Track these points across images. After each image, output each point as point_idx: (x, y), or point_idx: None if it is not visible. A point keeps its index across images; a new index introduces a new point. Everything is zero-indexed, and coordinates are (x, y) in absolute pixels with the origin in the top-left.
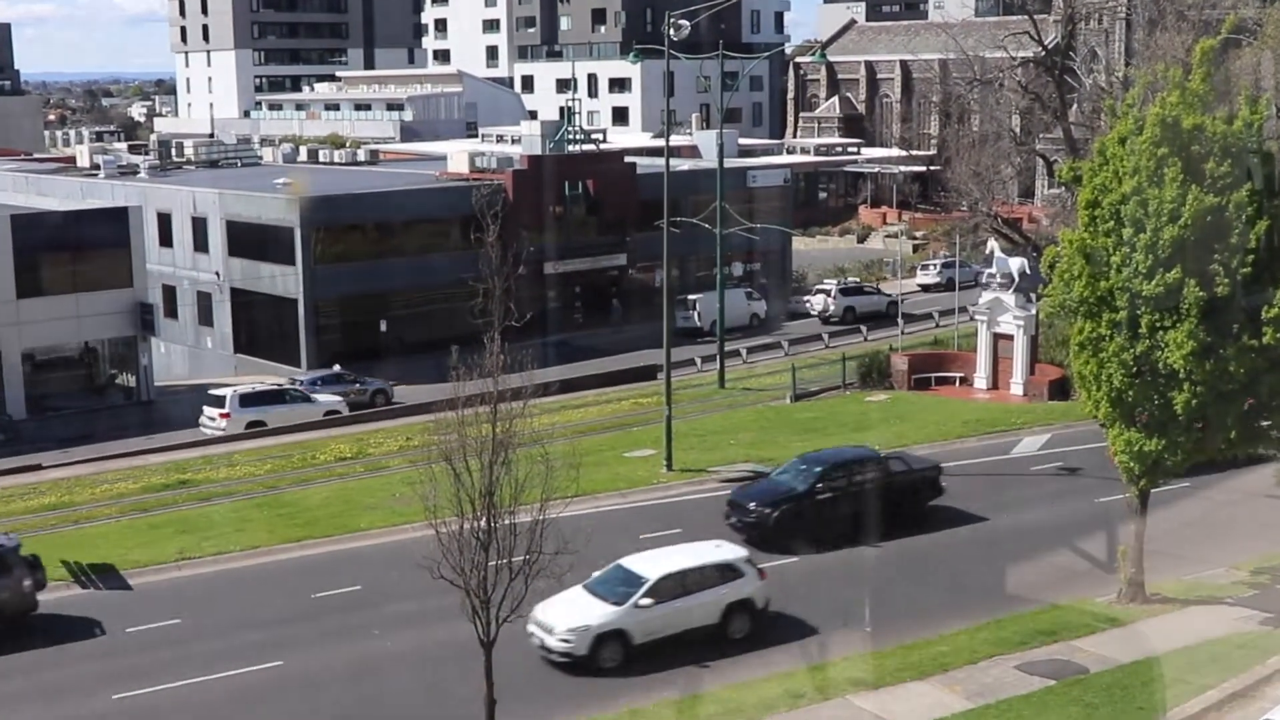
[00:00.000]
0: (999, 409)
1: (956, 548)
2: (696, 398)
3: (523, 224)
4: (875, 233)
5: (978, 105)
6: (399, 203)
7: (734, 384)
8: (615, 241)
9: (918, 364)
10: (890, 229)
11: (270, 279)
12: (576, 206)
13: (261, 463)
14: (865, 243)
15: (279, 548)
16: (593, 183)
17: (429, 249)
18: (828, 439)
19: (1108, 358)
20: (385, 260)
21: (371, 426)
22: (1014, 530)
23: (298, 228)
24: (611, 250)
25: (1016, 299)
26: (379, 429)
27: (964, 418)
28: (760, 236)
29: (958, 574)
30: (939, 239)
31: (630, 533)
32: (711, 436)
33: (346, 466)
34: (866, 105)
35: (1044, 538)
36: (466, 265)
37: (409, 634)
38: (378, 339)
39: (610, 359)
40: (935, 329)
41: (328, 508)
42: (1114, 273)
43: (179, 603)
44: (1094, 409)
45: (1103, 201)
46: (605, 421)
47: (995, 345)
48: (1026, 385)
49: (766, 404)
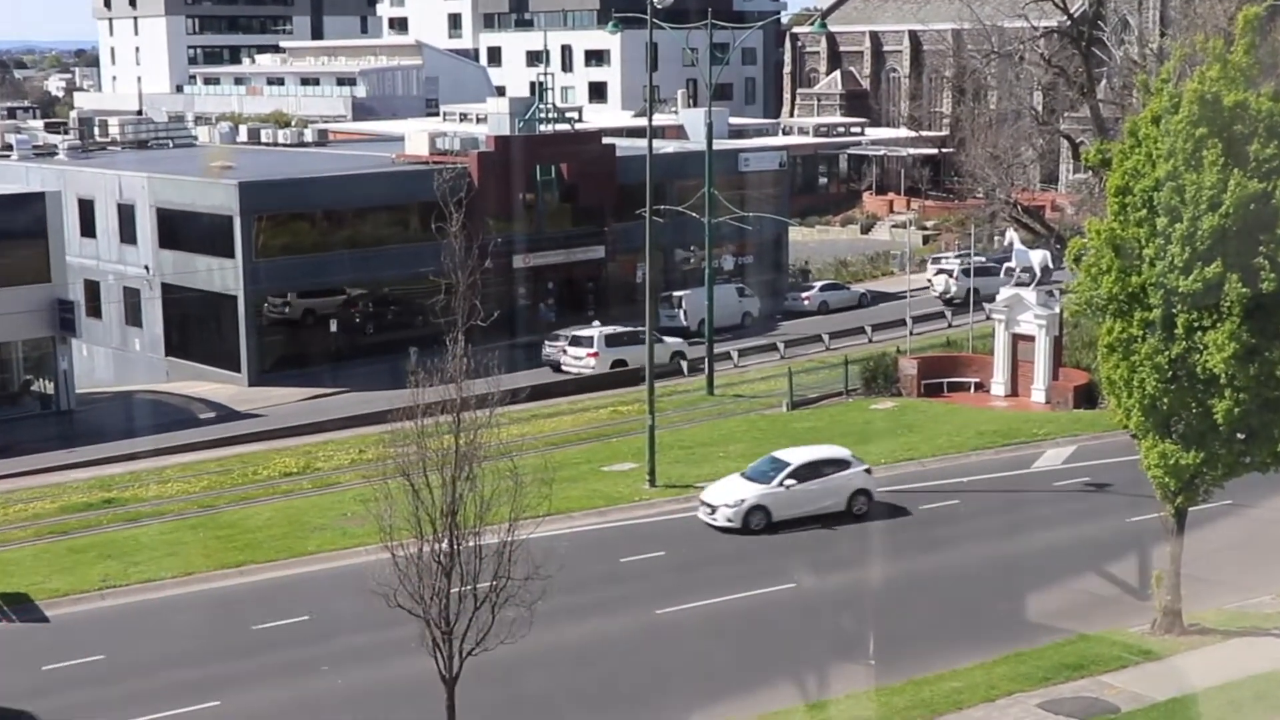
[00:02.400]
0: (1019, 418)
1: (971, 572)
2: (682, 405)
3: (489, 212)
4: (881, 222)
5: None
6: (351, 188)
7: (724, 390)
8: (592, 232)
9: (928, 368)
10: (898, 218)
11: (207, 273)
12: (549, 193)
13: (196, 479)
14: (870, 233)
15: (216, 574)
16: (567, 167)
17: (385, 240)
18: None
19: (1140, 361)
20: (336, 253)
21: (320, 438)
22: (1036, 553)
23: (237, 216)
24: (588, 241)
25: (1038, 296)
26: (328, 440)
27: (979, 428)
28: (753, 226)
29: (973, 601)
30: (952, 229)
31: (609, 554)
32: (699, 448)
33: (292, 483)
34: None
35: (1069, 561)
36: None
37: (362, 670)
38: (327, 340)
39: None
40: (948, 329)
41: (271, 529)
42: (1147, 267)
43: (103, 636)
44: (1125, 418)
45: (1134, 188)
46: (581, 432)
47: (1014, 347)
48: (1049, 392)
49: (760, 412)
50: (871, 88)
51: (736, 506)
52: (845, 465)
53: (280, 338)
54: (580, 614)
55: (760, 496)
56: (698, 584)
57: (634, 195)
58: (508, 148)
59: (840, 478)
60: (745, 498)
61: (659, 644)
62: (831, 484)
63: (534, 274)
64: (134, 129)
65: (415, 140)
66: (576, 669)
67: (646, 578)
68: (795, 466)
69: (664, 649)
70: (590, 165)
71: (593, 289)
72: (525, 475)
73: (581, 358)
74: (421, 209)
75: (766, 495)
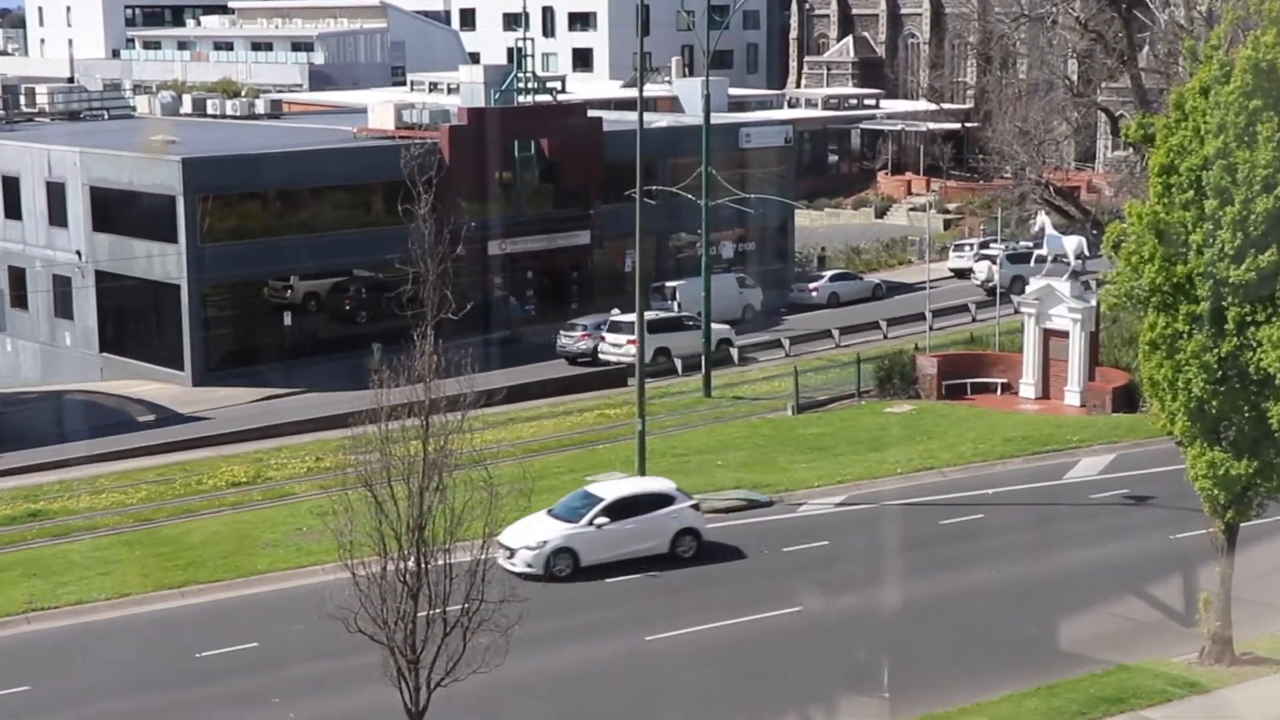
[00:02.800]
0: (1050, 423)
1: (998, 594)
2: (676, 408)
3: (462, 193)
4: (898, 205)
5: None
6: (308, 166)
7: (723, 391)
8: (577, 215)
9: (950, 367)
10: (916, 200)
11: (146, 260)
12: (528, 172)
13: (133, 489)
14: (885, 217)
15: (155, 595)
16: (549, 143)
17: (345, 224)
18: (838, 459)
19: (1186, 360)
20: (290, 237)
21: (272, 444)
22: (1069, 573)
23: (180, 196)
24: (572, 226)
25: (1072, 287)
26: (281, 446)
27: (1007, 434)
28: (756, 209)
29: (1000, 626)
30: (977, 213)
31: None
32: (695, 457)
33: (241, 494)
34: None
35: (1107, 582)
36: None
37: (317, 702)
38: (281, 335)
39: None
40: (971, 324)
41: (217, 545)
42: (1194, 255)
43: (28, 665)
44: (1169, 423)
45: (1180, 166)
46: (564, 437)
47: (1046, 344)
48: (1085, 394)
49: (763, 416)
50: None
51: (538, 549)
52: (669, 501)
53: (229, 331)
54: (562, 640)
55: (566, 537)
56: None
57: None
58: (482, 121)
59: (662, 515)
60: (548, 539)
61: (650, 671)
62: (652, 523)
63: (511, 262)
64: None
65: (379, 112)
66: (558, 699)
67: (637, 599)
68: (608, 503)
69: (657, 677)
70: (574, 141)
71: (577, 278)
72: (501, 486)
73: (621, 345)
74: (386, 189)
75: (574, 536)
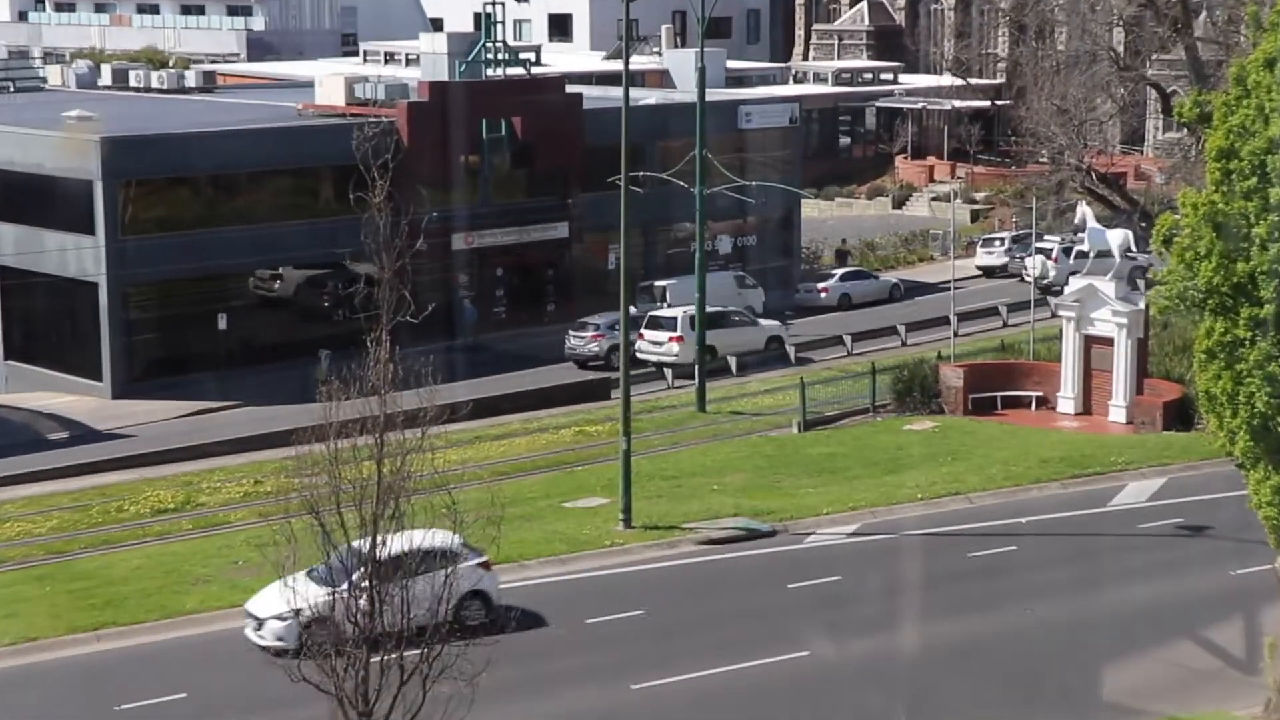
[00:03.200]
0: (1092, 442)
1: (1034, 637)
2: (667, 425)
3: (422, 179)
4: (918, 194)
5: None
6: (246, 147)
7: (719, 406)
8: (553, 205)
9: (978, 379)
10: (940, 189)
11: (59, 255)
12: (498, 155)
13: (43, 517)
14: (904, 208)
15: (69, 639)
16: (522, 122)
17: (289, 214)
18: (850, 483)
19: (1248, 370)
20: (226, 229)
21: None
22: (1115, 613)
23: (99, 181)
24: (548, 217)
25: (1118, 287)
26: (215, 468)
27: (1043, 454)
28: (757, 199)
29: (1037, 674)
30: (1008, 203)
31: (572, 614)
32: (688, 480)
33: (168, 522)
34: (907, 14)
35: (1157, 624)
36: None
37: None
38: (215, 340)
39: (545, 370)
40: (1002, 329)
41: (140, 581)
42: (1257, 251)
43: None
44: (1228, 442)
45: (1241, 150)
46: (538, 458)
47: (1087, 353)
48: (1132, 409)
49: (764, 434)
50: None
51: (289, 620)
52: (451, 558)
53: (155, 336)
54: (537, 688)
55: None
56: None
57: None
58: (445, 97)
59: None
60: (303, 607)
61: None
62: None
63: (479, 258)
64: None
65: (328, 87)
66: None
67: (623, 643)
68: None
69: None
70: (551, 121)
71: (553, 277)
72: (467, 513)
73: (662, 343)
74: (336, 174)
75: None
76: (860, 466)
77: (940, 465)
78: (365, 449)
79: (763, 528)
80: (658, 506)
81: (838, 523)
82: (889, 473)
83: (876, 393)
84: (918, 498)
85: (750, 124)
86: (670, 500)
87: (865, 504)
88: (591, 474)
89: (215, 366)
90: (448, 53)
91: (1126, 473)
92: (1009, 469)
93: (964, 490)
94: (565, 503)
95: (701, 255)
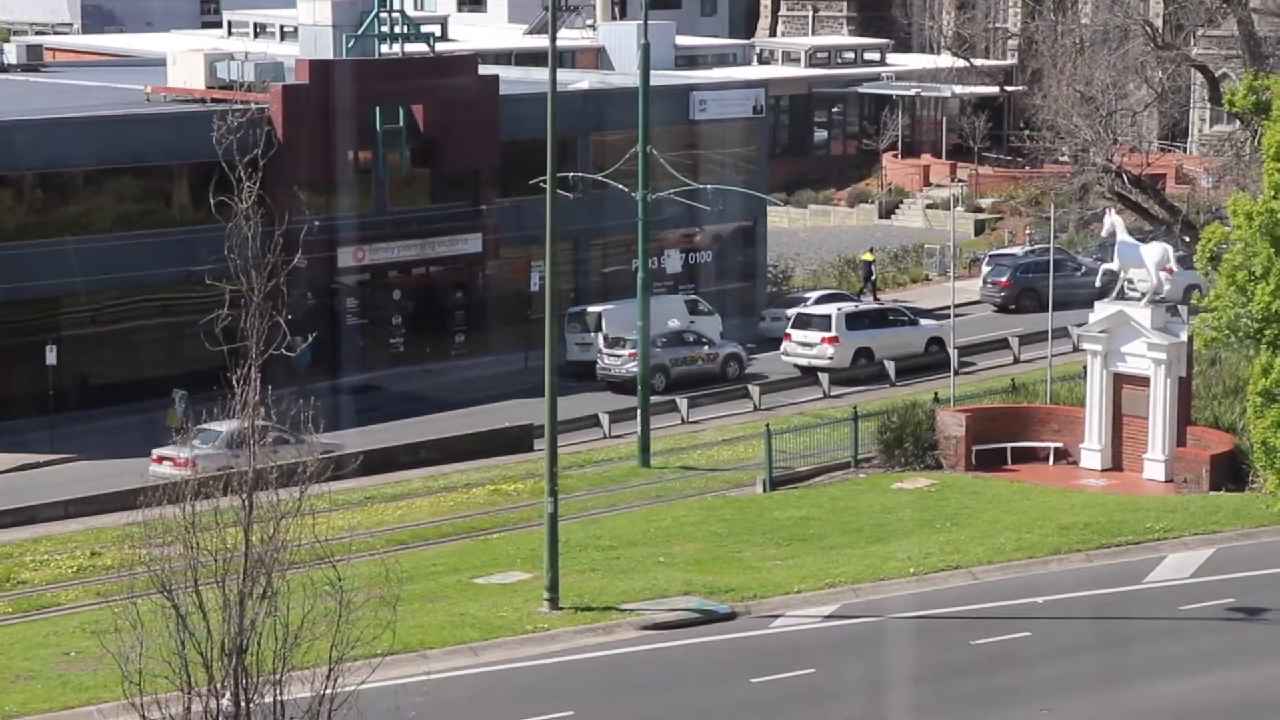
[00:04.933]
0: (1124, 505)
1: None
2: (602, 483)
3: (301, 180)
4: (911, 200)
5: None
6: (81, 140)
7: (667, 459)
8: (463, 213)
9: (983, 426)
10: (936, 193)
11: None
12: (395, 151)
13: None
14: (893, 217)
15: None
16: (424, 111)
17: (134, 223)
18: (828, 554)
19: None
20: (55, 241)
21: (27, 533)
22: (1150, 716)
23: None
24: (456, 227)
25: (1154, 315)
26: (40, 536)
27: (1063, 519)
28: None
29: None
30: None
31: (484, 715)
32: (628, 550)
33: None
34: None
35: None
36: (201, 251)
37: None
38: (43, 377)
39: (453, 414)
40: (1013, 366)
41: None
42: None
43: None
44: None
45: None
46: (444, 523)
47: (1118, 395)
48: (1172, 464)
49: (722, 493)
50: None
51: None
52: None
53: None
54: None
55: None
56: None
57: (528, 156)
58: (329, 80)
59: None
60: None
61: None
62: None
63: (371, 277)
64: None
65: (184, 66)
66: None
67: None
68: None
69: None
70: (460, 109)
71: (462, 301)
72: (355, 591)
73: (814, 344)
74: (193, 174)
75: None
76: (839, 534)
77: (937, 532)
78: (230, 513)
79: (720, 609)
80: (591, 583)
81: (812, 603)
82: (875, 541)
83: (859, 443)
84: (910, 572)
85: (705, 114)
86: (607, 575)
87: (845, 580)
88: (510, 543)
89: (42, 411)
90: (332, 24)
91: (1165, 542)
92: (1021, 537)
93: (966, 563)
94: (477, 578)
95: (645, 274)
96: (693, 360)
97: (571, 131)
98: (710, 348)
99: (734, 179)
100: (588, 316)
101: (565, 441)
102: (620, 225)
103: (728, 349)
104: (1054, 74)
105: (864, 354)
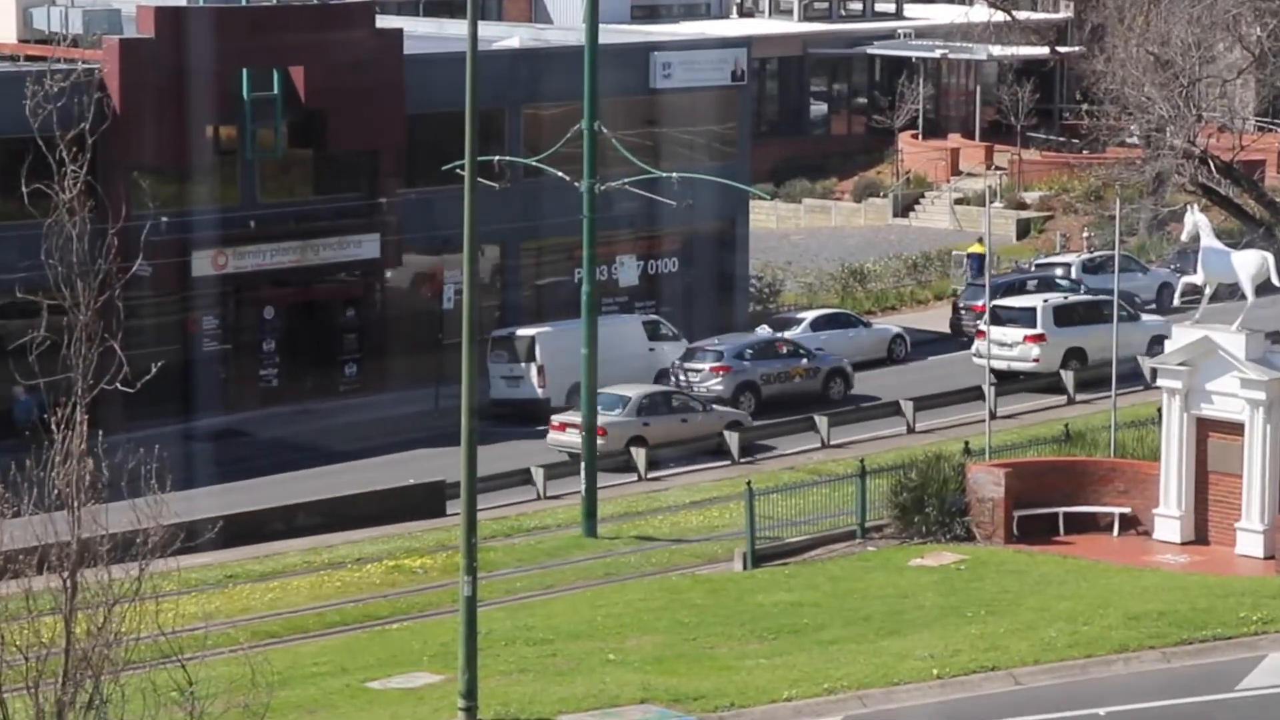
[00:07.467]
0: (1211, 588)
1: None
2: (537, 558)
3: (143, 163)
4: (935, 193)
5: None
6: None
7: (617, 527)
8: (356, 207)
9: (1027, 485)
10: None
11: None
12: (267, 126)
13: None
14: (912, 215)
15: None
16: (305, 75)
17: None
18: (826, 650)
19: None
20: None
21: None
22: None
23: None
24: (347, 226)
25: (1250, 343)
26: None
27: (1131, 607)
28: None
29: None
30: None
31: None
32: (569, 644)
33: None
34: None
35: None
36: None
37: None
38: None
39: (342, 468)
40: (1066, 408)
41: None
42: None
43: None
44: None
45: None
46: (328, 609)
47: (1202, 446)
48: (1273, 535)
49: (691, 571)
50: None
51: None
52: None
53: None
54: None
55: None
56: None
57: (440, 134)
58: (181, 33)
59: None
60: None
61: None
62: None
63: (236, 289)
64: None
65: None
66: None
67: None
68: None
69: None
70: (352, 73)
71: (355, 321)
72: (211, 699)
73: (1015, 344)
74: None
75: None
76: (842, 624)
77: (968, 623)
78: (48, 596)
79: None
80: (520, 687)
81: (805, 714)
82: (888, 634)
83: (868, 507)
84: (932, 675)
85: (670, 81)
86: (541, 678)
87: (850, 685)
88: (415, 635)
89: None
90: None
91: (1265, 637)
92: (1078, 630)
93: (1005, 663)
94: (371, 682)
95: (591, 288)
96: (789, 376)
97: (498, 103)
98: (809, 360)
99: (707, 165)
100: (517, 342)
101: (488, 504)
102: (560, 224)
103: (830, 362)
104: (1120, 31)
105: (1075, 355)
